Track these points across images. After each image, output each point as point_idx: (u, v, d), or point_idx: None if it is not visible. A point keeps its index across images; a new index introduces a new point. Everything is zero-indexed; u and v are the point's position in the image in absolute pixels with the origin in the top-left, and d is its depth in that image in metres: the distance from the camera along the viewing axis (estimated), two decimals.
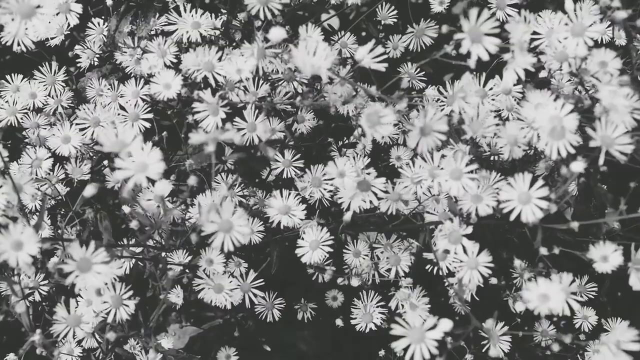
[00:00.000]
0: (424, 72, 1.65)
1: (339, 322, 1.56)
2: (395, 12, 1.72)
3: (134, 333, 1.32)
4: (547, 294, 1.03)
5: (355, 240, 1.49)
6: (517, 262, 1.23)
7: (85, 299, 1.25)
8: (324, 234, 1.34)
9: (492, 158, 1.40)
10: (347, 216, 1.27)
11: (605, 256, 1.13)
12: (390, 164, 1.59)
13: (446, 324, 1.01)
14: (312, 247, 1.35)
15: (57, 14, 1.27)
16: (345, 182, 1.28)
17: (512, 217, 1.11)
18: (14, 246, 1.00)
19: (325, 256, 1.34)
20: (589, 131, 1.08)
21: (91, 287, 1.04)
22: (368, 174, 1.29)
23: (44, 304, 1.46)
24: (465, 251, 1.19)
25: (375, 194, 1.28)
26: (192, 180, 1.11)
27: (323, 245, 1.34)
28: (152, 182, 1.47)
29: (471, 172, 1.16)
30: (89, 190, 1.07)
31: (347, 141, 1.67)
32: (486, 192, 1.19)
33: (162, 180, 0.97)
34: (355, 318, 1.49)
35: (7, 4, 1.01)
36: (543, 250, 1.16)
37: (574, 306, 1.06)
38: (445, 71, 1.78)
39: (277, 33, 1.06)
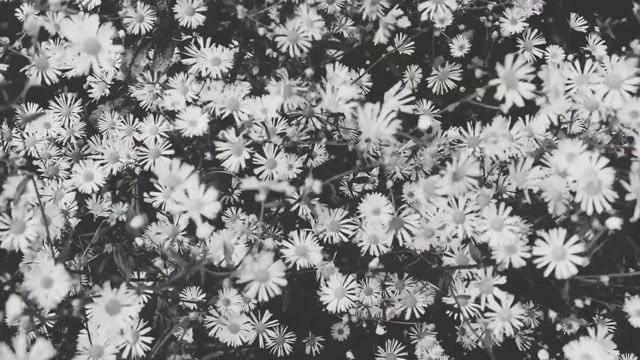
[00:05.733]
0: (438, 110, 1.64)
1: (349, 355, 1.54)
2: (413, 42, 1.68)
3: None
4: (589, 354, 1.01)
5: (366, 279, 1.46)
6: (553, 314, 1.21)
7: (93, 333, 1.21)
8: (349, 282, 1.31)
9: (499, 197, 1.38)
10: (374, 263, 1.25)
11: None
12: (403, 199, 1.57)
13: None
14: (338, 295, 1.31)
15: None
16: (382, 219, 1.26)
17: (547, 273, 1.08)
18: (43, 283, 0.99)
19: (351, 305, 1.31)
20: (623, 184, 1.07)
21: (115, 329, 1.01)
22: (399, 213, 1.27)
23: (48, 335, 1.41)
24: (498, 301, 1.17)
25: (409, 231, 1.26)
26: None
27: (349, 293, 1.31)
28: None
29: (511, 224, 1.14)
30: (137, 222, 1.03)
31: (355, 176, 1.65)
32: (518, 242, 1.17)
33: (206, 223, 0.93)
34: None
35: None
36: (578, 303, 1.15)
37: None
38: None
39: (348, 91, 1.09)
